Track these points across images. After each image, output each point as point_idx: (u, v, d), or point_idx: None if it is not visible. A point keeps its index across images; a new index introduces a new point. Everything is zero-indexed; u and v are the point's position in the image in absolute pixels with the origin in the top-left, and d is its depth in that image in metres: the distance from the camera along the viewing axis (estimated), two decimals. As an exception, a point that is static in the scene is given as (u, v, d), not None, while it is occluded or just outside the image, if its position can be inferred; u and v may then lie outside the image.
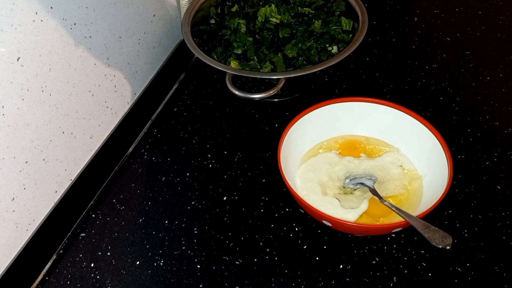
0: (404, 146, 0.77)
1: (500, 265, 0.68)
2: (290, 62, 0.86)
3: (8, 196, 0.64)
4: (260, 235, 0.73)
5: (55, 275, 0.71)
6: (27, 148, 0.66)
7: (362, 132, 0.80)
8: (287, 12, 0.92)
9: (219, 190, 0.79)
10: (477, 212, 0.74)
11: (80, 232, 0.75)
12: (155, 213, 0.76)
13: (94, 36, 0.74)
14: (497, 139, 0.83)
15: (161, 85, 0.93)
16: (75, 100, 0.73)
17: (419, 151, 0.75)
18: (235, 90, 0.77)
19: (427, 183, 0.73)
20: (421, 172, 0.75)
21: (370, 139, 0.80)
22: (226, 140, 0.86)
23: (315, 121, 0.78)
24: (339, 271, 0.69)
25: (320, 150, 0.79)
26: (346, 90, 0.92)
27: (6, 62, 0.59)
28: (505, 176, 0.78)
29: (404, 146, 0.77)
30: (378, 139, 0.80)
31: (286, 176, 0.69)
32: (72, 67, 0.70)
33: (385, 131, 0.79)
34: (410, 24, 1.06)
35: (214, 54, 0.88)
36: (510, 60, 0.96)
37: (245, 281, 0.68)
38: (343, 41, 0.89)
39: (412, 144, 0.76)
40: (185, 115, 0.91)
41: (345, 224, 0.66)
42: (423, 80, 0.93)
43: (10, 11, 0.58)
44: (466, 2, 1.10)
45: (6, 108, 0.61)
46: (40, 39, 0.63)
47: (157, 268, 0.70)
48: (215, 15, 0.94)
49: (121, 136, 0.84)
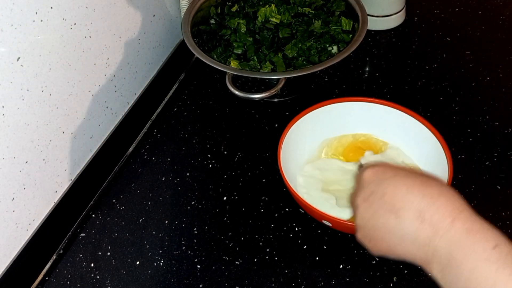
0: (404, 146, 0.77)
1: (500, 265, 0.68)
2: (290, 62, 0.86)
3: (8, 196, 0.64)
4: (260, 235, 0.73)
5: (55, 275, 0.71)
6: (27, 148, 0.66)
7: (362, 131, 0.80)
8: (287, 12, 0.92)
9: (219, 190, 0.79)
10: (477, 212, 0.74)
11: (80, 232, 0.75)
12: (155, 213, 0.76)
13: (94, 36, 0.74)
14: (497, 139, 0.83)
15: (161, 85, 0.93)
16: (75, 100, 0.73)
17: (419, 151, 0.75)
18: (235, 90, 0.77)
19: None
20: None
21: (371, 139, 0.80)
22: (226, 140, 0.86)
23: (315, 121, 0.78)
24: (339, 271, 0.69)
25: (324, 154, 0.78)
26: (346, 90, 0.92)
27: (6, 62, 0.59)
28: (505, 176, 0.78)
29: (404, 146, 0.77)
30: (378, 139, 0.80)
31: (286, 176, 0.69)
32: (72, 67, 0.70)
33: (385, 131, 0.79)
34: (410, 24, 1.06)
35: (214, 54, 0.88)
36: (510, 60, 0.96)
37: (245, 281, 0.68)
38: (343, 41, 0.89)
39: (412, 144, 0.76)
40: (185, 115, 0.91)
41: (345, 224, 0.66)
42: (423, 80, 0.93)
43: (10, 11, 0.58)
44: (466, 2, 1.10)
45: (6, 108, 0.61)
46: (40, 39, 0.63)
47: (157, 268, 0.70)
48: (215, 15, 0.94)
49: (121, 136, 0.84)
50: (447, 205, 0.48)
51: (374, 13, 1.02)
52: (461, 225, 0.46)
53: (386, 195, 0.51)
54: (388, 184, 0.52)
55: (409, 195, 0.50)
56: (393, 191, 0.51)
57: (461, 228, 0.46)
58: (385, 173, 0.54)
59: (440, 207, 0.48)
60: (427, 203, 0.49)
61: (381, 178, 0.53)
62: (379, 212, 0.52)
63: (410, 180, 0.51)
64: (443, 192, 0.49)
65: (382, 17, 1.03)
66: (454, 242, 0.46)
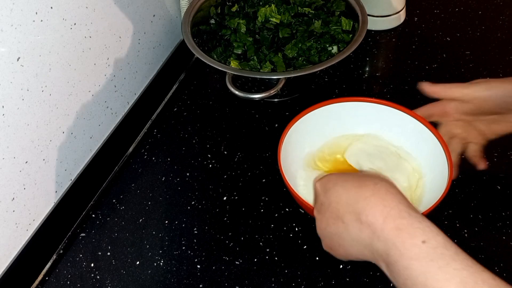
0: (404, 145, 0.77)
1: (500, 265, 0.68)
2: (290, 62, 0.86)
3: (8, 196, 0.64)
4: (260, 235, 0.73)
5: (55, 275, 0.71)
6: (27, 148, 0.66)
7: (362, 131, 0.80)
8: (287, 12, 0.92)
9: (219, 190, 0.79)
10: (477, 212, 0.74)
11: (80, 232, 0.75)
12: (155, 213, 0.76)
13: (94, 36, 0.74)
14: (497, 139, 0.83)
15: (161, 85, 0.93)
16: (75, 100, 0.73)
17: (419, 151, 0.75)
18: (235, 90, 0.77)
19: (427, 183, 0.73)
20: (421, 172, 0.75)
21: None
22: (226, 140, 0.86)
23: (315, 120, 0.77)
24: (339, 271, 0.69)
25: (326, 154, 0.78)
26: (346, 90, 0.92)
27: (6, 62, 0.59)
28: (505, 176, 0.78)
29: (404, 145, 0.77)
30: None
31: (286, 176, 0.69)
32: (72, 67, 0.70)
33: (385, 131, 0.79)
34: (410, 24, 1.06)
35: (214, 54, 0.88)
36: (510, 60, 0.96)
37: (245, 281, 0.68)
38: (343, 41, 0.89)
39: (412, 144, 0.76)
40: (185, 115, 0.91)
41: None
42: (423, 80, 0.93)
43: (10, 11, 0.58)
44: (466, 2, 1.10)
45: (6, 108, 0.61)
46: (40, 39, 0.63)
47: (157, 268, 0.70)
48: (215, 15, 0.94)
49: (121, 136, 0.84)
50: (378, 204, 0.51)
51: (374, 13, 1.02)
52: (392, 223, 0.49)
53: (332, 203, 0.55)
54: (332, 193, 0.56)
55: (348, 200, 0.53)
56: (336, 199, 0.55)
57: (392, 227, 0.49)
58: (328, 182, 0.57)
59: (373, 207, 0.51)
60: (362, 204, 0.52)
61: (327, 188, 0.57)
62: (330, 221, 0.55)
63: (348, 184, 0.54)
64: (376, 190, 0.52)
65: (382, 17, 1.03)
66: (388, 241, 0.48)
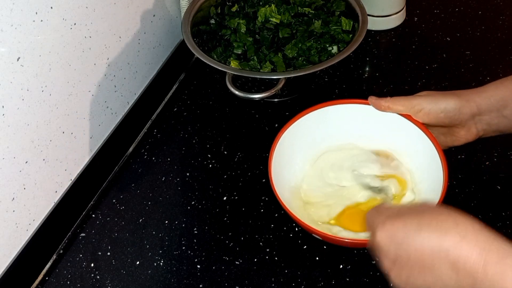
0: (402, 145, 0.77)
1: (500, 265, 0.68)
2: (290, 62, 0.86)
3: (8, 196, 0.64)
4: (260, 235, 0.73)
5: (55, 275, 0.71)
6: (27, 148, 0.66)
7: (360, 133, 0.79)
8: (287, 12, 0.92)
9: (219, 190, 0.79)
10: (477, 212, 0.73)
11: (80, 232, 0.75)
12: (155, 213, 0.76)
13: (94, 36, 0.74)
14: (497, 139, 0.83)
15: (161, 85, 0.93)
16: (75, 100, 0.73)
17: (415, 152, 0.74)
18: (235, 90, 0.77)
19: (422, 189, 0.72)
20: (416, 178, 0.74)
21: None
22: (226, 140, 0.86)
23: (309, 126, 0.75)
24: (339, 271, 0.69)
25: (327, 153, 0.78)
26: (346, 90, 0.92)
27: (6, 62, 0.59)
28: (505, 176, 0.78)
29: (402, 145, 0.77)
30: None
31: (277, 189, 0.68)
32: (72, 67, 0.70)
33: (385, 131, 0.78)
34: (410, 24, 1.06)
35: (214, 54, 0.88)
36: (510, 60, 0.96)
37: (245, 281, 0.68)
38: (343, 41, 0.89)
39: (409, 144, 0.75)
40: (185, 115, 0.91)
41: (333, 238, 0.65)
42: (423, 80, 0.93)
43: (10, 11, 0.58)
44: (466, 2, 1.10)
45: (6, 108, 0.61)
46: (40, 39, 0.63)
47: (157, 268, 0.70)
48: (215, 15, 0.94)
49: (121, 136, 0.84)
50: (473, 248, 0.49)
51: (374, 13, 1.02)
52: (493, 269, 0.48)
53: (411, 256, 0.52)
54: (408, 245, 0.52)
55: (433, 248, 0.51)
56: (415, 251, 0.52)
57: (495, 272, 0.48)
58: (396, 234, 0.54)
59: (469, 254, 0.49)
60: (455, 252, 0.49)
61: (397, 242, 0.53)
62: (414, 273, 0.53)
63: (424, 232, 0.52)
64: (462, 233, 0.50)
65: (382, 17, 1.03)
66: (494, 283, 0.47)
